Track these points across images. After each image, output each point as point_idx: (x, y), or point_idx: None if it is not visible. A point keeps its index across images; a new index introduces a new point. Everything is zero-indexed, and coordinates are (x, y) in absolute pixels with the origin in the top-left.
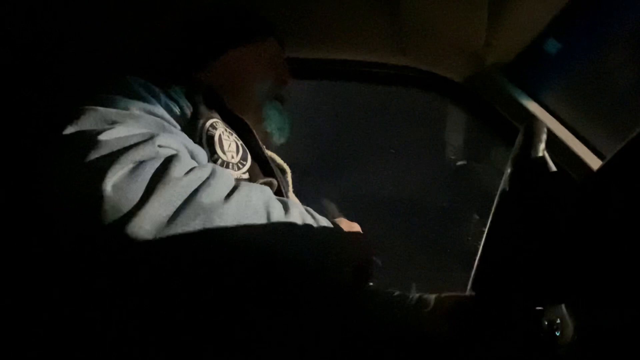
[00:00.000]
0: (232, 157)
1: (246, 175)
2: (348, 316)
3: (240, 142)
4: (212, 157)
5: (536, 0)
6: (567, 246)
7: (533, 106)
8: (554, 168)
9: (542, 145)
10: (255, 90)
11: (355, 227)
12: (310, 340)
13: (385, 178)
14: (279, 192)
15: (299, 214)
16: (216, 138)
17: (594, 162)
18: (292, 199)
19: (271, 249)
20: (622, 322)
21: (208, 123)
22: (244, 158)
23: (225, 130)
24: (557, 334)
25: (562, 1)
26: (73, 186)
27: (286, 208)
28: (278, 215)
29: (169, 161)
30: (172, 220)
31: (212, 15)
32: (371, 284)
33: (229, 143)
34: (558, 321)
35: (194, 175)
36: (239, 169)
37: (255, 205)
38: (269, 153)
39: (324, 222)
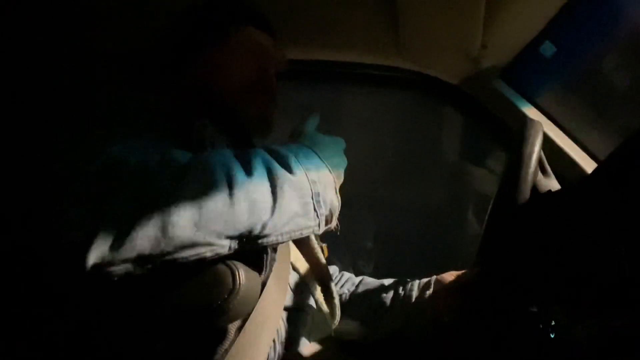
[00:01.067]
0: None
1: None
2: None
3: (231, 143)
4: None
5: (532, 3)
6: (561, 247)
7: (528, 109)
8: (548, 169)
9: (539, 146)
10: (243, 82)
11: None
12: None
13: (381, 179)
14: None
15: (263, 165)
16: (206, 139)
17: (588, 165)
18: None
19: (240, 224)
20: (618, 323)
21: (196, 125)
22: None
23: (215, 130)
24: (552, 335)
25: (557, 4)
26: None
27: (248, 168)
28: (241, 181)
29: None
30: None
31: (183, 17)
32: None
33: (220, 144)
34: (553, 323)
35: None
36: None
37: (216, 181)
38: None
39: (292, 159)
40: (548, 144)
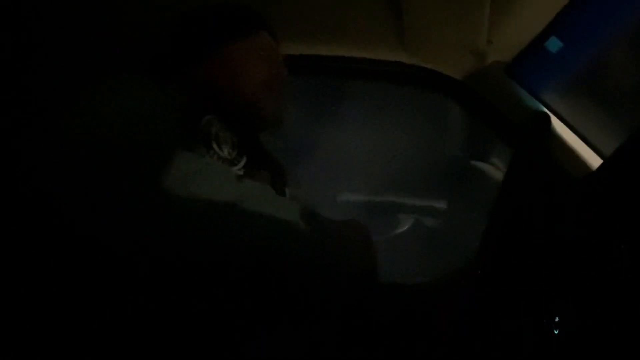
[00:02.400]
0: (229, 154)
1: (242, 172)
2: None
3: (236, 139)
4: (208, 153)
5: None
6: (566, 242)
7: (534, 104)
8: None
9: (548, 137)
10: (251, 84)
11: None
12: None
13: (384, 176)
14: (272, 186)
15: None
16: (212, 135)
17: (595, 161)
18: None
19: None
20: (621, 319)
21: (204, 120)
22: (240, 154)
23: (222, 126)
24: (556, 332)
25: None
26: None
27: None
28: None
29: None
30: None
31: (203, 12)
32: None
33: (224, 139)
34: (557, 319)
35: None
36: (234, 165)
37: None
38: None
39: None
40: (554, 140)
